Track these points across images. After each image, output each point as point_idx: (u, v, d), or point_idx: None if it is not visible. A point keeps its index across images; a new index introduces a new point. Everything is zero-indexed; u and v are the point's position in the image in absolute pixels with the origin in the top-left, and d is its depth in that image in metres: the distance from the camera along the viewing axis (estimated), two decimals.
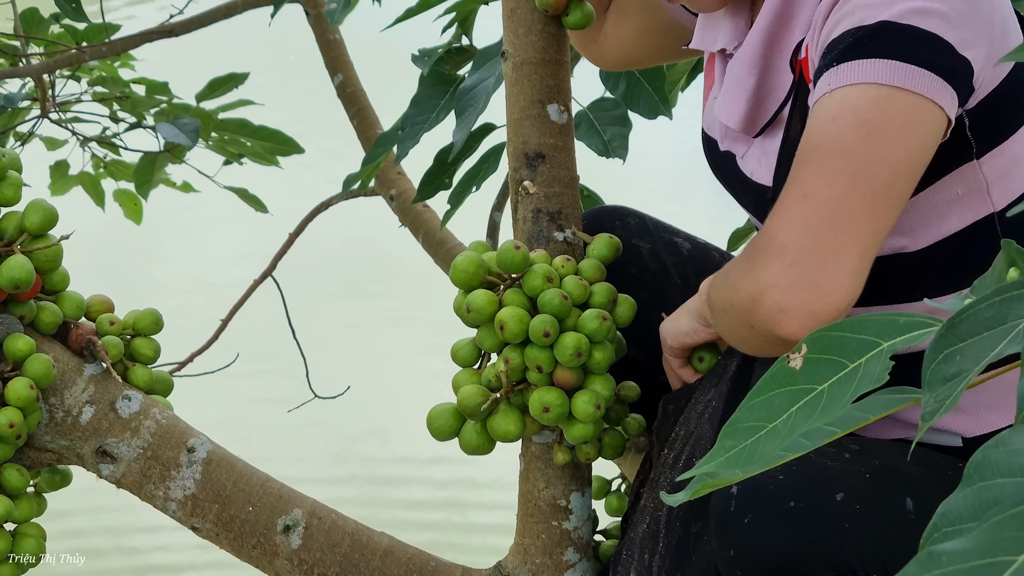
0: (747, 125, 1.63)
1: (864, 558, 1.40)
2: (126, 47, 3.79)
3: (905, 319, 0.87)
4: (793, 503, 1.41)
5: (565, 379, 1.60)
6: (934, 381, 0.81)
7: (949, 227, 1.55)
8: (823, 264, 1.39)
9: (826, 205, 1.40)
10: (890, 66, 1.41)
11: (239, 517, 1.70)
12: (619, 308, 1.66)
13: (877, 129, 1.41)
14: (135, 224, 4.10)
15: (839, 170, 1.41)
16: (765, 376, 0.88)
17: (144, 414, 1.70)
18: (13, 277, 1.60)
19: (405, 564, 1.72)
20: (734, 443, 0.88)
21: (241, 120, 3.87)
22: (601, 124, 2.51)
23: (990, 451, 0.74)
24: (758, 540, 1.41)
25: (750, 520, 1.42)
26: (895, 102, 1.41)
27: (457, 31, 2.66)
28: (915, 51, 1.41)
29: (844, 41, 1.44)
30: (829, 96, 1.44)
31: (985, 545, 0.67)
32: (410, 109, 2.50)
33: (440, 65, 2.51)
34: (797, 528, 1.40)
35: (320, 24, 3.65)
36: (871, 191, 1.40)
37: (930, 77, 1.41)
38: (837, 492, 1.42)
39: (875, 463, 1.46)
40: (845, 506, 1.41)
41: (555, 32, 1.69)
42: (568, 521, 1.71)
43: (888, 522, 1.42)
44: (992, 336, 0.81)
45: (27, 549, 1.68)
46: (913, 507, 1.43)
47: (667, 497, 0.94)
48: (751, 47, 1.61)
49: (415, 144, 2.44)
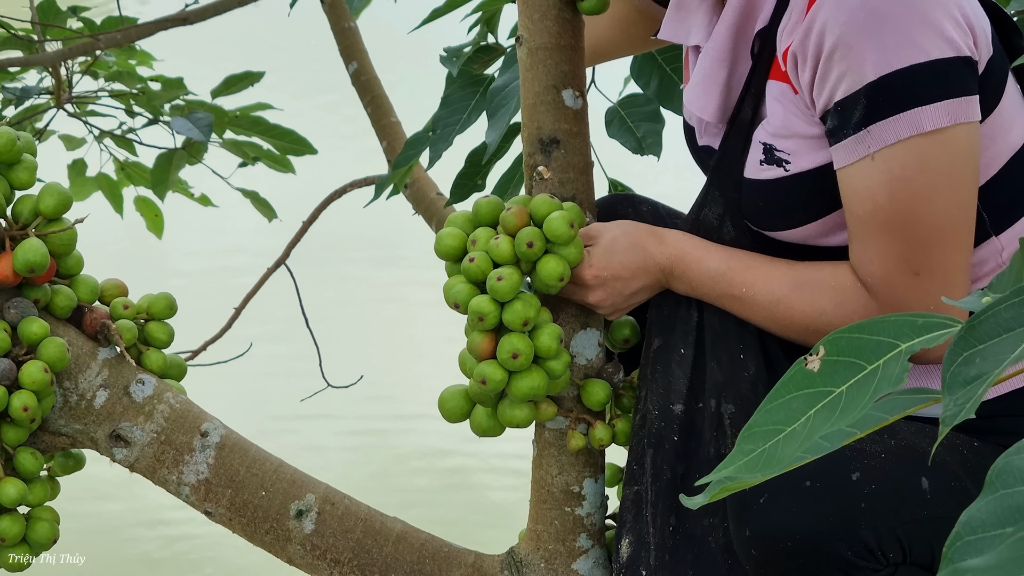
0: (722, 116, 1.66)
1: (880, 537, 1.41)
2: (140, 35, 3.79)
3: (923, 320, 0.86)
4: (809, 483, 1.41)
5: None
6: (954, 384, 0.80)
7: None
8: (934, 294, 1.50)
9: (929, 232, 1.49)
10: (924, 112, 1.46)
11: (252, 502, 1.70)
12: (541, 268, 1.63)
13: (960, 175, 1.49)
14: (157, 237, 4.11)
15: (932, 236, 1.49)
16: (783, 379, 0.88)
17: (158, 398, 1.71)
18: (28, 260, 1.60)
19: (418, 549, 1.72)
20: (753, 447, 0.87)
21: (255, 117, 3.87)
22: (633, 121, 2.49)
23: (1012, 458, 0.74)
24: (774, 520, 1.41)
25: (766, 500, 1.42)
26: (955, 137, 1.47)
27: (482, 29, 2.65)
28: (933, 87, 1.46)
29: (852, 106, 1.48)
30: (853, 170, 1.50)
31: (1010, 561, 0.66)
32: (440, 110, 2.48)
33: (468, 65, 2.50)
34: (813, 508, 1.41)
35: (335, 12, 3.65)
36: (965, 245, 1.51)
37: (969, 102, 1.47)
38: (853, 472, 1.42)
39: (892, 443, 1.47)
40: (861, 486, 1.41)
41: (570, 17, 1.68)
42: (581, 508, 1.71)
43: (904, 502, 1.43)
44: (1012, 337, 0.80)
45: (40, 533, 1.68)
46: (929, 487, 1.44)
47: (686, 500, 0.94)
48: (719, 41, 1.63)
49: (448, 146, 2.43)
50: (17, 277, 1.63)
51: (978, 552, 0.71)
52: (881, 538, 1.41)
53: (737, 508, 1.45)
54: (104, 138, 4.03)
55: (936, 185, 1.47)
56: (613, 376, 1.70)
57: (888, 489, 1.42)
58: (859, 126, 1.47)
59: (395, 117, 3.52)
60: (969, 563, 0.67)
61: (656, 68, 2.47)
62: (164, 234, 4.08)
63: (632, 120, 2.49)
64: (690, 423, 1.63)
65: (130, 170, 4.07)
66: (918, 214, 1.48)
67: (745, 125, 1.60)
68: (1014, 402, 1.57)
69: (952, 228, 1.49)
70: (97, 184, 4.09)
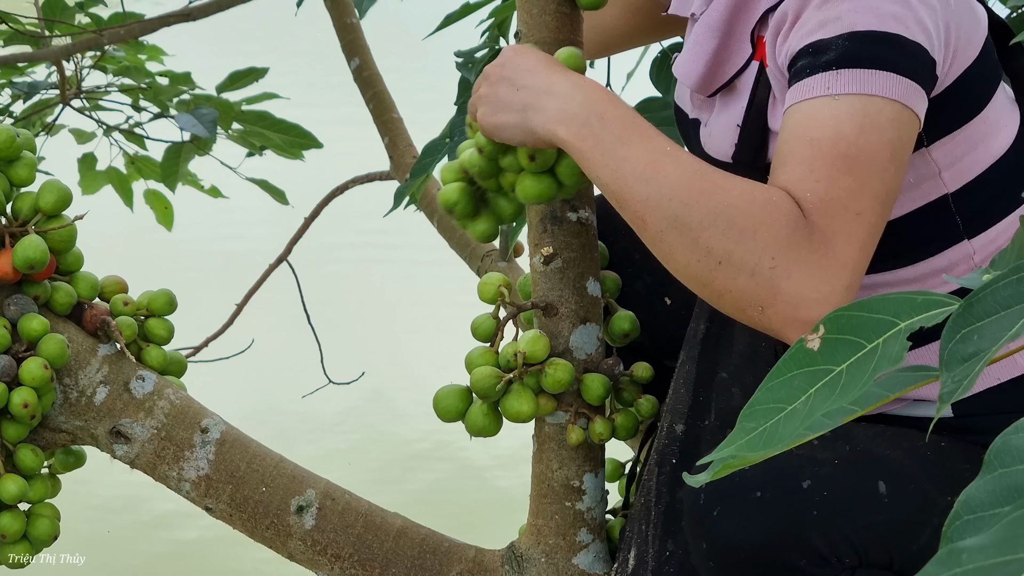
0: (703, 86, 1.65)
1: (833, 544, 1.41)
2: (144, 31, 3.79)
3: (923, 298, 0.86)
4: (759, 493, 1.42)
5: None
6: (952, 361, 0.80)
7: (901, 210, 1.55)
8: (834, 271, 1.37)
9: (830, 206, 1.38)
10: (869, 75, 1.41)
11: (252, 498, 1.70)
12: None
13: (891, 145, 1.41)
14: (167, 229, 4.11)
15: (876, 193, 1.40)
16: (784, 357, 0.88)
17: (158, 394, 1.71)
18: (28, 257, 1.60)
19: (418, 545, 1.72)
20: (754, 425, 0.87)
21: (261, 112, 3.88)
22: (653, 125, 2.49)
23: (1010, 437, 0.74)
24: (728, 532, 1.43)
25: (719, 512, 1.43)
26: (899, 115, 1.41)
27: (493, 33, 2.64)
28: (892, 58, 1.41)
29: (825, 48, 1.44)
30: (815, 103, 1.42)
31: (1005, 541, 0.67)
32: (457, 116, 2.48)
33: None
34: (764, 518, 1.42)
35: (337, 8, 3.65)
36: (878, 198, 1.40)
37: (905, 83, 1.41)
38: (804, 480, 1.43)
39: (846, 448, 1.47)
40: (812, 494, 1.42)
41: (569, 12, 1.68)
42: (581, 502, 1.71)
43: (858, 507, 1.43)
44: (1010, 315, 0.80)
45: (41, 529, 1.68)
46: (887, 491, 1.44)
47: (689, 478, 0.94)
48: (716, 11, 1.62)
49: None
50: (17, 274, 1.63)
51: (976, 531, 0.71)
52: (834, 544, 1.41)
53: (692, 521, 1.46)
54: (112, 133, 4.04)
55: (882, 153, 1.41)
56: (613, 370, 1.70)
57: (841, 495, 1.42)
58: (831, 66, 1.42)
59: (396, 113, 3.52)
60: (965, 543, 0.68)
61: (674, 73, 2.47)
62: (163, 233, 4.09)
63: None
64: (694, 443, 1.62)
65: (140, 164, 4.08)
66: (879, 162, 1.40)
67: (763, 108, 1.58)
68: (992, 399, 1.54)
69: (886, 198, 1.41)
70: (107, 178, 4.10)
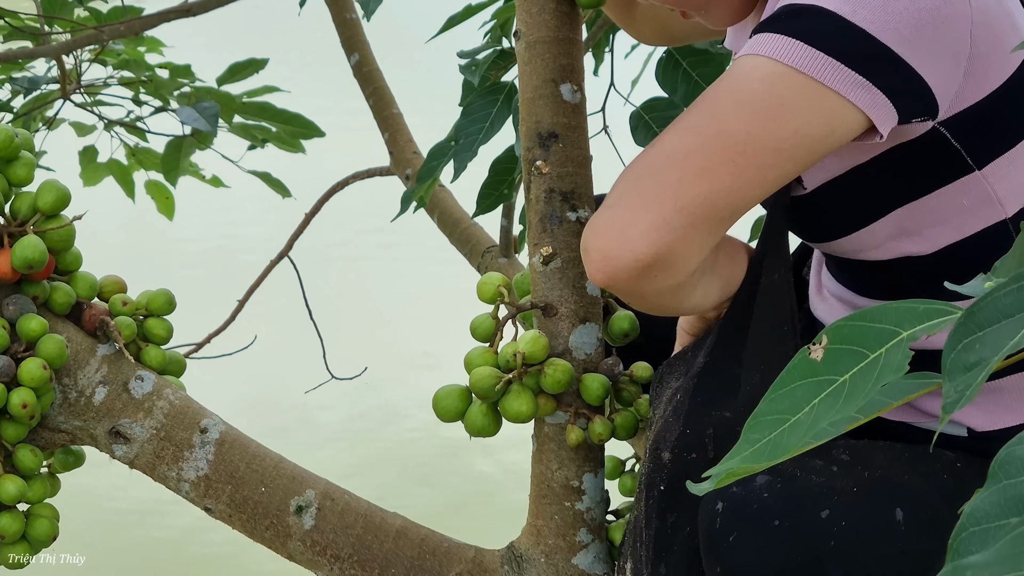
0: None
1: (850, 574, 1.38)
2: (144, 26, 3.79)
3: (924, 307, 0.86)
4: (777, 522, 1.39)
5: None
6: (954, 370, 0.80)
7: (959, 233, 1.52)
8: (634, 211, 1.38)
9: (662, 155, 1.40)
10: (796, 46, 1.38)
11: (252, 498, 1.70)
12: None
13: (753, 100, 1.38)
14: (168, 219, 4.11)
15: (694, 127, 1.39)
16: (787, 367, 0.88)
17: (157, 395, 1.71)
18: (26, 257, 1.60)
19: (418, 545, 1.72)
20: (759, 436, 0.87)
21: (263, 103, 3.87)
22: (658, 125, 2.49)
23: (1015, 448, 0.74)
24: (744, 559, 1.39)
25: (735, 539, 1.40)
26: (789, 82, 1.38)
27: (495, 34, 2.64)
28: (832, 41, 1.37)
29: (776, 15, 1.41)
30: (734, 61, 1.43)
31: (1010, 557, 0.66)
32: (462, 120, 2.46)
33: (486, 72, 2.50)
34: (781, 548, 1.38)
35: (337, 3, 3.64)
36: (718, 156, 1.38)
37: (837, 67, 1.37)
38: (822, 510, 1.40)
39: (865, 475, 1.44)
40: (831, 524, 1.39)
41: (568, 11, 1.67)
42: (581, 502, 1.70)
43: (876, 537, 1.41)
44: (1012, 324, 0.79)
45: (40, 530, 1.68)
46: (903, 518, 1.41)
47: (693, 487, 0.93)
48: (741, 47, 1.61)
49: (473, 156, 2.41)
50: (15, 273, 1.63)
51: (982, 543, 0.71)
52: (851, 575, 1.39)
53: (708, 544, 1.43)
54: (113, 127, 4.04)
55: (753, 111, 1.38)
56: (612, 370, 1.70)
57: (859, 526, 1.40)
58: (779, 30, 1.39)
59: (396, 108, 3.52)
60: (969, 560, 0.67)
61: (682, 74, 2.47)
62: (164, 231, 4.10)
63: (657, 125, 2.49)
64: (682, 474, 1.57)
65: (141, 156, 4.08)
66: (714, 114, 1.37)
67: None
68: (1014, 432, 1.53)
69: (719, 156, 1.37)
70: (108, 169, 4.10)
